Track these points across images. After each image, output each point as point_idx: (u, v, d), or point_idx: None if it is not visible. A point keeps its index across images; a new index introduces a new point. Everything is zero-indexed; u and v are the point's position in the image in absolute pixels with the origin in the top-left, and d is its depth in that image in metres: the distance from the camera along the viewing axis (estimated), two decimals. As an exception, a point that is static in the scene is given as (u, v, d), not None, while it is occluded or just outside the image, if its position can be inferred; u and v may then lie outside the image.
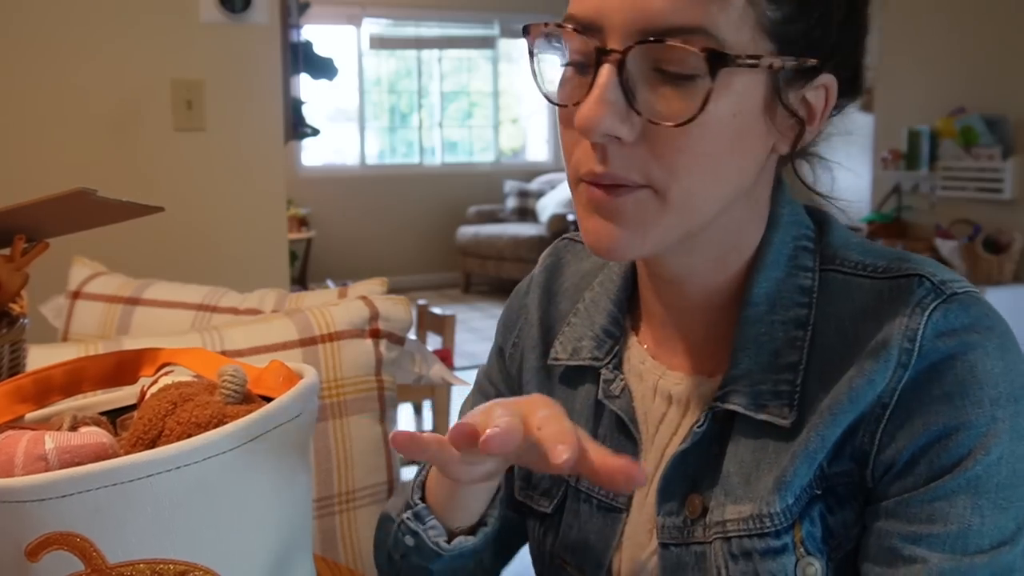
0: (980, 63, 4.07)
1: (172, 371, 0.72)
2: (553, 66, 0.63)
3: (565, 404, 0.75)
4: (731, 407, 0.64)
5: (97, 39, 2.25)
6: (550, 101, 0.62)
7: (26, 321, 0.91)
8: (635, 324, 0.75)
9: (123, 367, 0.72)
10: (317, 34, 6.58)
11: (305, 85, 3.52)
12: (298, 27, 3.29)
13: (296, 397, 0.60)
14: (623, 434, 0.72)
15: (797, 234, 0.67)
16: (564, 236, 0.84)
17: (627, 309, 0.75)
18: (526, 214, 7.07)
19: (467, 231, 6.89)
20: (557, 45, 0.62)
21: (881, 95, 4.72)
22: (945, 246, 3.88)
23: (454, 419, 0.92)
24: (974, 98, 4.09)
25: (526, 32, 0.63)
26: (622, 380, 0.72)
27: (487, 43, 7.54)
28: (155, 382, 0.68)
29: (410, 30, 7.26)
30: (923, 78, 4.37)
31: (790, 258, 0.66)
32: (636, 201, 0.59)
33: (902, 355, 0.60)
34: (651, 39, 0.55)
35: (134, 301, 1.48)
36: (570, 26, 0.59)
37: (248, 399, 0.62)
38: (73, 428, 0.63)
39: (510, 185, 7.26)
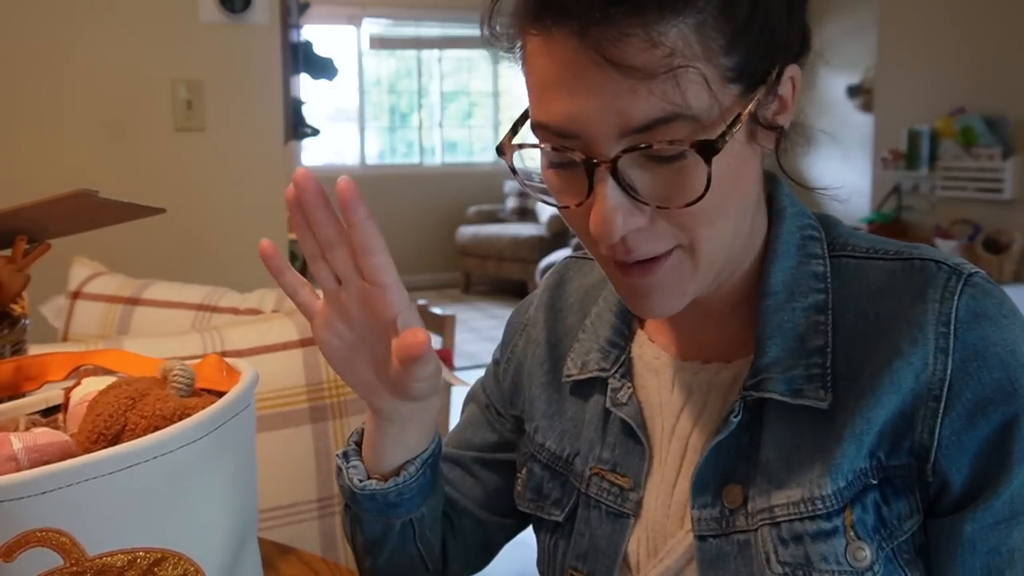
0: (980, 63, 4.07)
1: (90, 370, 0.74)
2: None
3: (577, 415, 0.77)
4: (767, 395, 0.65)
5: (97, 39, 2.25)
6: (551, 205, 0.64)
7: (27, 322, 0.91)
8: (643, 323, 0.77)
9: (23, 373, 0.74)
10: (317, 34, 6.58)
11: (305, 85, 3.52)
12: (298, 27, 3.29)
13: (247, 388, 0.64)
14: (631, 439, 0.73)
15: (802, 224, 0.70)
16: (568, 256, 0.87)
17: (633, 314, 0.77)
18: (526, 214, 7.06)
19: (467, 231, 6.89)
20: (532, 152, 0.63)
21: (881, 95, 4.72)
22: (945, 246, 3.87)
23: (455, 419, 0.92)
24: (974, 98, 4.09)
25: (500, 153, 0.64)
26: (629, 388, 0.74)
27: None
28: (78, 384, 0.69)
29: (410, 30, 7.25)
30: (923, 78, 4.37)
31: (799, 247, 0.69)
32: (671, 269, 0.62)
33: (939, 339, 0.61)
34: (640, 146, 0.57)
35: (134, 301, 1.48)
36: (547, 146, 0.60)
37: (195, 393, 0.65)
38: (27, 429, 0.65)
39: (510, 185, 7.25)
